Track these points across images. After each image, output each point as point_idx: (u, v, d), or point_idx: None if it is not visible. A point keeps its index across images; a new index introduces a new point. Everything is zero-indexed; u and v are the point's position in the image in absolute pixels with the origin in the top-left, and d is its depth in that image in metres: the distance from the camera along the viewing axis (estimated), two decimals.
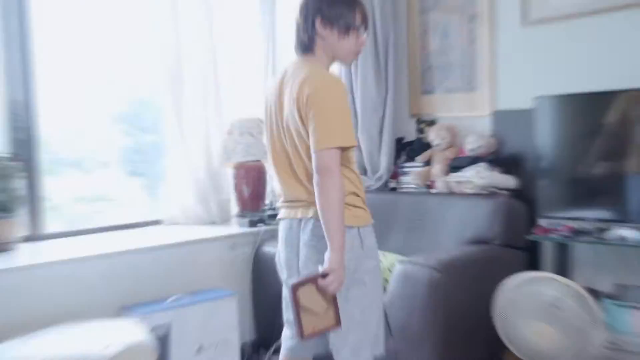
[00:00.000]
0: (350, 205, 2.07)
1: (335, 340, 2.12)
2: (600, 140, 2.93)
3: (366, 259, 2.10)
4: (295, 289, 1.96)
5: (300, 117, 2.02)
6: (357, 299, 2.08)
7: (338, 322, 2.02)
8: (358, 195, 2.12)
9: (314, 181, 1.99)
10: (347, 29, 2.11)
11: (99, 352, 2.28)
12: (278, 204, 2.31)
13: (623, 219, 2.88)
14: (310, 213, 2.06)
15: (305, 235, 2.12)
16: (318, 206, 1.99)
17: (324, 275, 1.96)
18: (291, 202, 2.19)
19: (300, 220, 2.13)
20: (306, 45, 2.14)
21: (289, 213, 2.19)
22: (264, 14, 3.92)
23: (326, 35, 2.11)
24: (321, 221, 1.97)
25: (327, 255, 1.98)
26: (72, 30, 3.29)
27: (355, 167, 2.16)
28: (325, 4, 2.09)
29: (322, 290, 1.98)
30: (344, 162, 2.05)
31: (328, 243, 1.98)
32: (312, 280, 1.99)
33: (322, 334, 2.06)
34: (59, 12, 3.24)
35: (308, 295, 1.99)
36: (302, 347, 2.22)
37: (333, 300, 2.00)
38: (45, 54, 3.14)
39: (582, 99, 2.99)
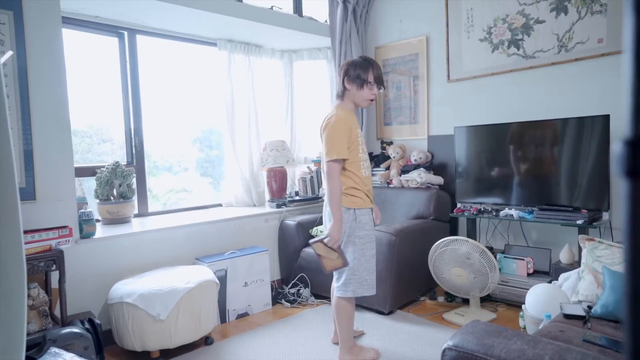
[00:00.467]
0: (349, 195, 2.11)
1: (337, 276, 2.19)
2: (494, 155, 2.97)
3: (358, 229, 2.13)
4: (311, 245, 2.11)
5: (321, 139, 2.13)
6: (349, 253, 2.13)
7: (345, 263, 2.11)
8: (357, 189, 2.13)
9: (325, 180, 2.12)
10: (362, 84, 2.12)
11: (183, 285, 2.33)
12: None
13: (509, 204, 2.89)
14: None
15: (326, 213, 2.21)
16: (325, 196, 2.13)
17: (327, 237, 2.06)
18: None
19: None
20: (338, 94, 2.20)
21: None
22: (285, 76, 3.96)
23: (350, 88, 2.14)
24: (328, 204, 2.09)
25: (329, 225, 2.07)
26: (164, 85, 3.32)
27: (361, 170, 2.14)
28: (351, 67, 2.14)
29: (328, 246, 2.07)
30: (347, 167, 2.11)
31: (331, 217, 2.07)
32: (320, 240, 2.09)
33: (337, 269, 2.15)
34: (157, 74, 3.26)
35: (322, 249, 2.10)
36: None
37: (339, 251, 2.09)
38: (148, 100, 3.17)
39: (483, 128, 2.99)
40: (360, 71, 2.12)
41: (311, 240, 2.14)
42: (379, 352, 2.29)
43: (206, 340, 2.50)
